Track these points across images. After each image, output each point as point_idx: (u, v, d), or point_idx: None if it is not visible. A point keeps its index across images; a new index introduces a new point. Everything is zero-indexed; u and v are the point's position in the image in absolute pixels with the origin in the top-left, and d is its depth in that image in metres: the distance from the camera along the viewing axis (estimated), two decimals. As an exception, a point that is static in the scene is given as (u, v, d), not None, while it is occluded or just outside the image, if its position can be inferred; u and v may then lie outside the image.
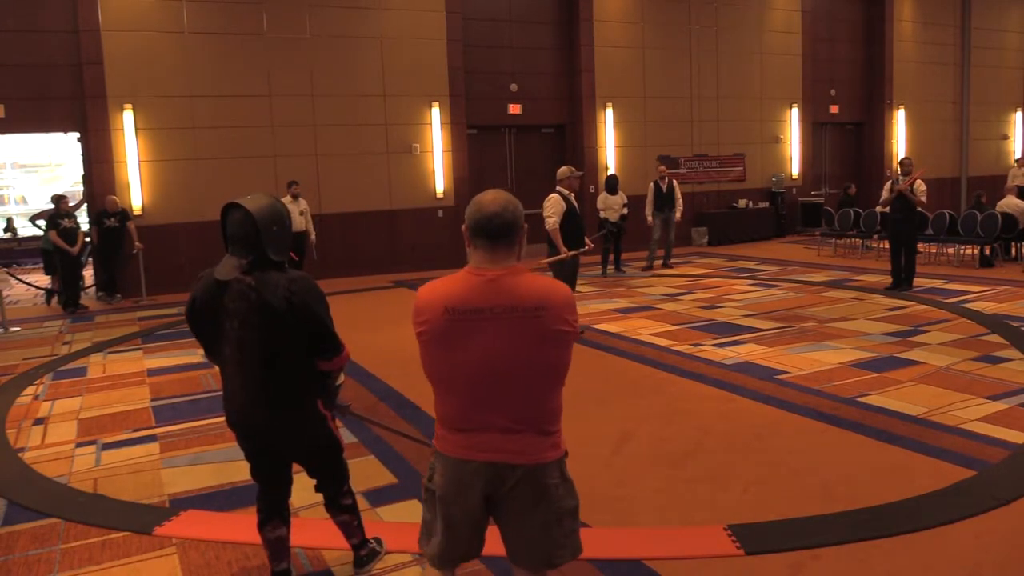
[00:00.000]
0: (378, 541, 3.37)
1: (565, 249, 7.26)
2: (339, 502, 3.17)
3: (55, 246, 10.44)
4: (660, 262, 12.68)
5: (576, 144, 14.81)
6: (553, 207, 7.35)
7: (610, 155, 14.94)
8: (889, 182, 9.80)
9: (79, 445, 5.10)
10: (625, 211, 11.86)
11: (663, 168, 12.76)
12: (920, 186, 9.40)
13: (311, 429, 2.98)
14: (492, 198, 2.18)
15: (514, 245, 2.19)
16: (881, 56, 18.31)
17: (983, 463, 4.18)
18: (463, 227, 2.21)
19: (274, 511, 3.07)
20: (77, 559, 3.50)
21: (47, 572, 3.40)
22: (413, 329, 2.21)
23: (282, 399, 2.86)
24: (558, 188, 7.45)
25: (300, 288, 2.80)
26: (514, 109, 14.28)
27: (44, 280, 12.13)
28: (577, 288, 8.01)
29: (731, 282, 10.95)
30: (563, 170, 7.56)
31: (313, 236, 11.43)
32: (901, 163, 9.88)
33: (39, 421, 5.68)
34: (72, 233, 10.52)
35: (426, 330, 2.16)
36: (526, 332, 2.11)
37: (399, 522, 3.74)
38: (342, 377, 3.17)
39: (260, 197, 2.88)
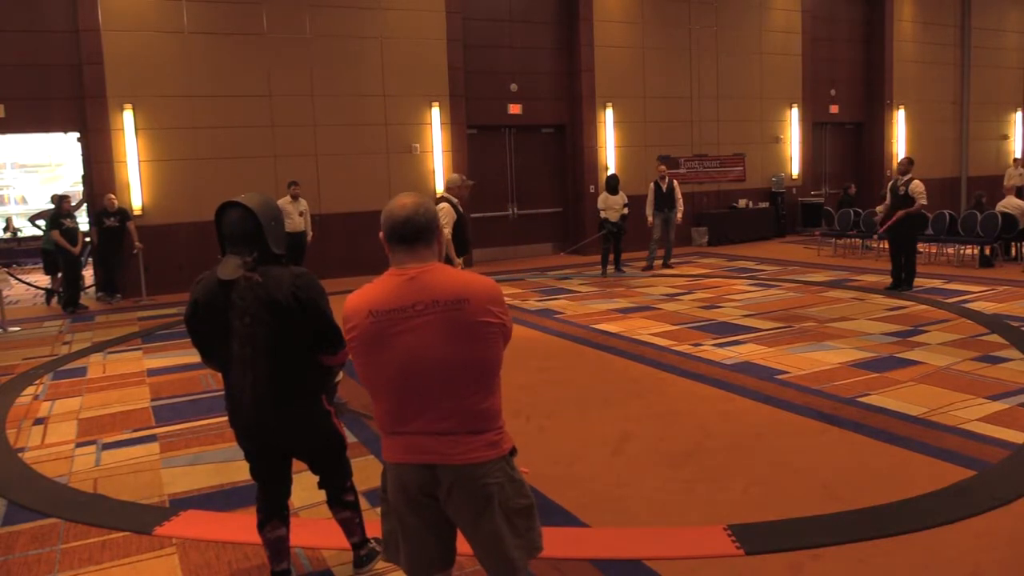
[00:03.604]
0: (378, 541, 3.36)
1: (457, 259, 6.87)
2: (342, 499, 3.18)
3: (57, 246, 10.45)
4: (660, 262, 12.67)
5: (576, 144, 14.82)
6: (445, 216, 6.96)
7: (610, 155, 14.93)
8: (891, 182, 9.83)
9: (79, 445, 5.10)
10: (625, 211, 11.85)
11: (663, 168, 12.74)
12: (918, 187, 9.39)
13: (317, 424, 3.01)
14: (403, 203, 2.18)
15: (432, 245, 2.19)
16: (881, 56, 18.31)
17: (983, 463, 4.18)
18: (380, 234, 2.19)
19: (274, 511, 3.07)
20: (77, 559, 3.50)
21: (47, 572, 3.40)
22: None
23: (291, 395, 2.88)
24: (447, 196, 7.12)
25: (305, 283, 2.84)
26: (514, 109, 14.29)
27: (44, 280, 12.13)
28: (577, 288, 7.97)
29: (731, 282, 10.95)
30: (454, 177, 7.17)
31: (311, 236, 11.43)
32: (900, 163, 9.95)
33: (39, 421, 5.69)
34: (73, 233, 10.53)
35: (354, 336, 2.15)
36: (448, 327, 2.08)
37: (399, 522, 3.74)
38: (340, 374, 3.19)
39: (254, 195, 2.92)
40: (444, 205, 7.19)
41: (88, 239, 11.02)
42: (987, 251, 11.70)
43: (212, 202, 2.98)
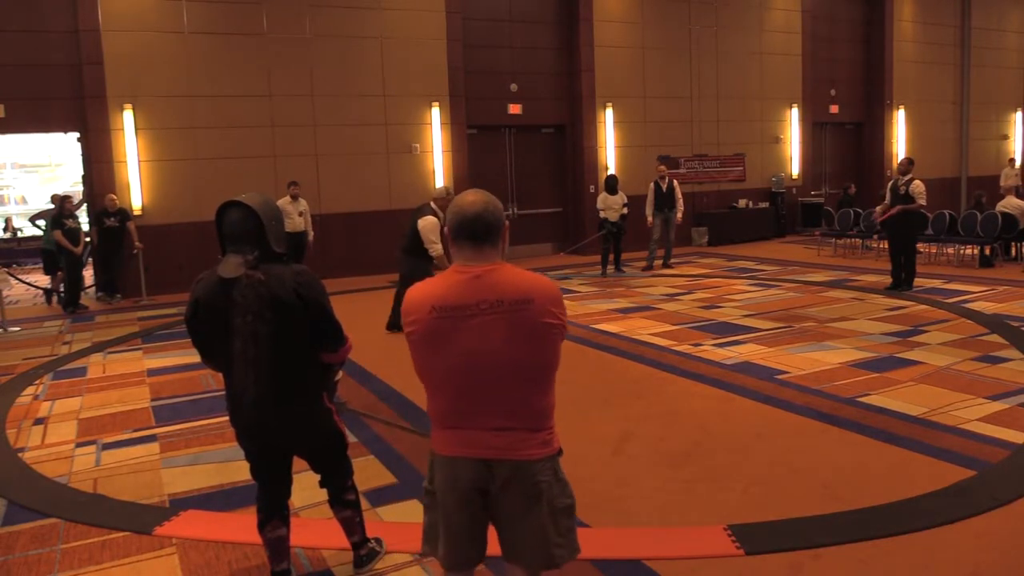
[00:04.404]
0: (378, 541, 3.37)
1: (448, 263, 6.95)
2: (343, 497, 3.18)
3: (59, 246, 10.44)
4: (660, 262, 12.67)
5: (576, 144, 14.82)
6: (434, 232, 7.04)
7: (610, 155, 14.94)
8: (891, 182, 9.84)
9: (79, 445, 5.10)
10: (625, 211, 11.85)
11: (663, 168, 12.73)
12: (918, 187, 9.40)
13: (318, 423, 3.01)
14: (472, 199, 2.18)
15: (499, 244, 2.20)
16: (881, 56, 18.32)
17: (983, 463, 4.18)
18: (444, 229, 2.18)
19: (274, 511, 3.07)
20: (77, 559, 3.50)
21: (47, 572, 3.40)
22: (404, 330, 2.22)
23: (292, 393, 2.89)
24: (434, 207, 7.09)
25: (306, 281, 2.86)
26: (514, 109, 14.29)
27: (44, 280, 12.14)
28: (577, 288, 7.99)
29: (731, 282, 10.95)
30: (443, 190, 7.14)
31: (311, 236, 11.44)
32: (900, 164, 9.96)
33: (39, 421, 5.69)
34: (75, 233, 10.54)
35: (415, 330, 2.16)
36: (512, 326, 2.11)
37: (399, 522, 3.74)
38: (340, 373, 3.20)
39: (254, 195, 2.93)
40: (432, 220, 7.08)
41: (88, 239, 11.02)
42: (987, 251, 11.70)
43: (212, 202, 2.98)
